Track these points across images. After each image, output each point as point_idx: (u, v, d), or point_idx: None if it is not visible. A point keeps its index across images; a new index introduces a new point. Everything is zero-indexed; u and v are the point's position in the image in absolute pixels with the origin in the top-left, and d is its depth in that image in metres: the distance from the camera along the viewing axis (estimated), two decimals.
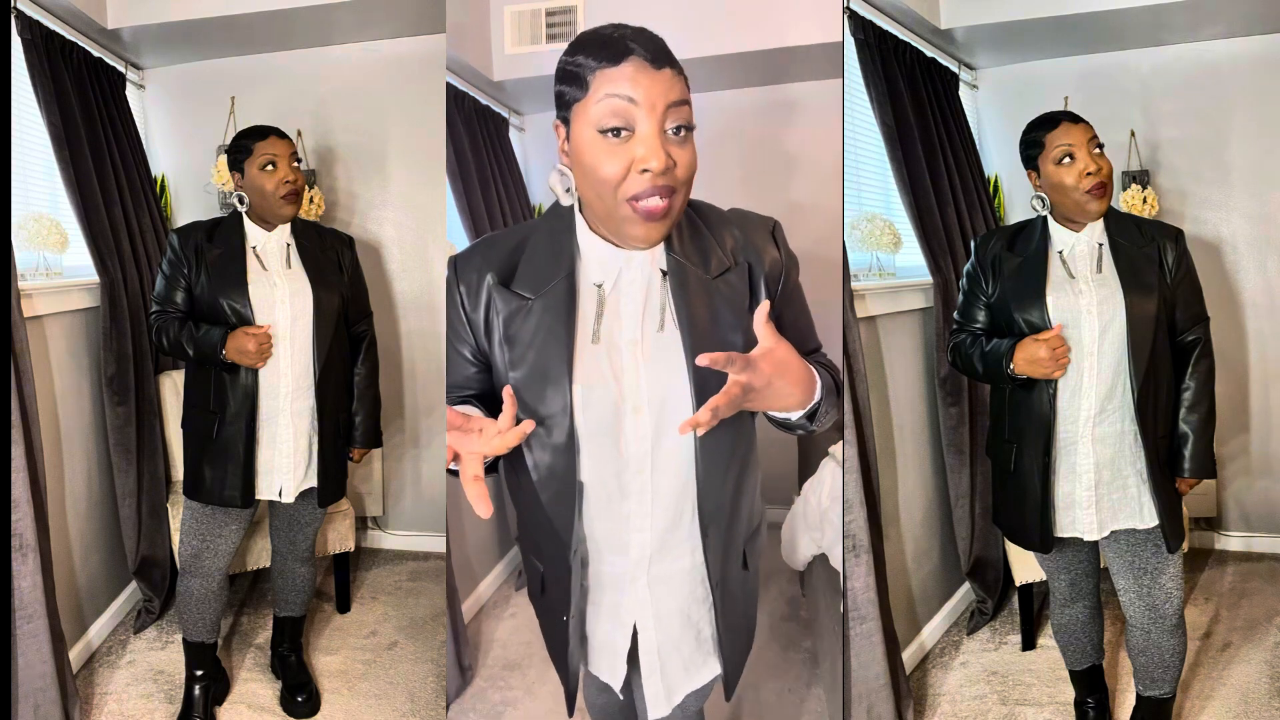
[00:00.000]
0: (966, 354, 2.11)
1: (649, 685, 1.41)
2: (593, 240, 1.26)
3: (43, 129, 2.68)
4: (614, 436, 1.25)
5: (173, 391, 2.98)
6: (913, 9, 2.87)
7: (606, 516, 1.31)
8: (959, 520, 2.91)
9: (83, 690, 2.57)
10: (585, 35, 1.20)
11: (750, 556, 1.46)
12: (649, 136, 1.14)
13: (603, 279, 1.25)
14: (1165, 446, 2.00)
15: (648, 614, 1.37)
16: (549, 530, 1.32)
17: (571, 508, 1.28)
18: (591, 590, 1.38)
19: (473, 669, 2.78)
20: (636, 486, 1.29)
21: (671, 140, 1.17)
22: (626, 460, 1.27)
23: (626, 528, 1.31)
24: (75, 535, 2.73)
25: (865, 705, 2.32)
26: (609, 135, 1.15)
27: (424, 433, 3.50)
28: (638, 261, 1.26)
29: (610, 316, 1.24)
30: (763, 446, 2.62)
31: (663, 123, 1.16)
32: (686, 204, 1.23)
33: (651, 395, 1.24)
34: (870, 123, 2.84)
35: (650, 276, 1.26)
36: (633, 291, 1.25)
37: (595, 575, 1.37)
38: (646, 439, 1.26)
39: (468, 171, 3.14)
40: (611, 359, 1.23)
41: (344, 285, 2.40)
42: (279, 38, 3.21)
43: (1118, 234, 2.01)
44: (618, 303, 1.25)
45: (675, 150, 1.17)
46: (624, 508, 1.30)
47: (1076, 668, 2.34)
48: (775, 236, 1.35)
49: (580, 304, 1.24)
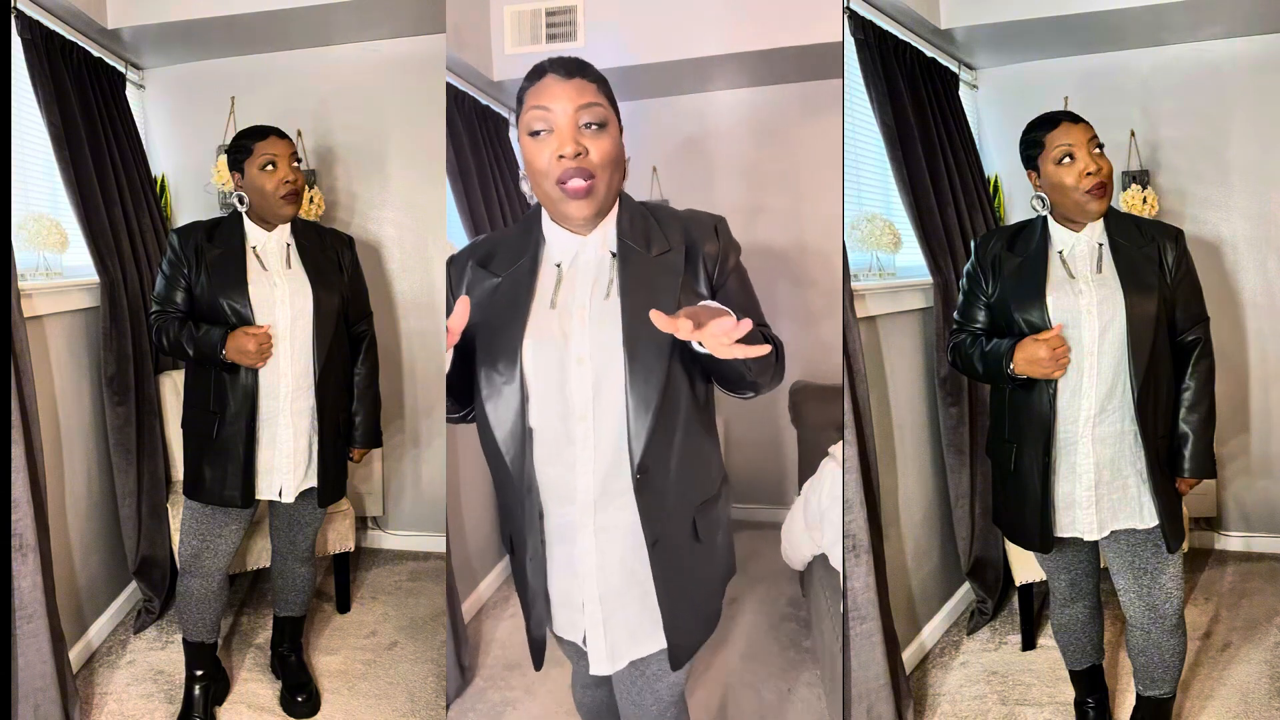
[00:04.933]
0: (966, 354, 2.11)
1: (592, 639, 1.54)
2: (555, 229, 1.53)
3: (43, 129, 2.68)
4: (560, 387, 1.47)
5: (173, 391, 2.98)
6: (913, 9, 2.87)
7: (556, 462, 1.49)
8: (959, 520, 2.91)
9: (83, 690, 2.57)
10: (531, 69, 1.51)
11: (702, 527, 1.56)
12: (562, 130, 1.42)
13: (562, 259, 1.52)
14: (1165, 446, 2.00)
15: (592, 563, 1.52)
16: (509, 481, 1.51)
17: (523, 452, 1.48)
18: (548, 544, 1.54)
19: (473, 669, 2.78)
20: (580, 433, 1.47)
21: (585, 133, 1.43)
22: (571, 408, 1.47)
23: (574, 473, 1.49)
24: (75, 535, 2.73)
25: (865, 705, 2.32)
26: (536, 136, 1.44)
27: (424, 433, 3.50)
28: (592, 244, 1.52)
29: (566, 288, 1.50)
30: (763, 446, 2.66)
31: (576, 120, 1.43)
32: (615, 186, 1.49)
33: (594, 349, 1.46)
34: (870, 123, 2.84)
35: (602, 257, 1.51)
36: (587, 268, 1.51)
37: (550, 529, 1.53)
38: (588, 388, 1.46)
39: (468, 171, 3.14)
40: (562, 322, 1.47)
41: (344, 285, 2.40)
42: (279, 38, 3.21)
43: (1118, 234, 2.01)
44: (574, 277, 1.50)
45: (589, 140, 1.43)
46: (570, 453, 1.48)
47: (1076, 668, 2.34)
48: (718, 230, 1.56)
49: (540, 279, 1.51)
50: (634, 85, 3.61)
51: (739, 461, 3.98)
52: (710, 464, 1.59)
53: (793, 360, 4.14)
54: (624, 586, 1.52)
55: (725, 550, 1.65)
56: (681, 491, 1.51)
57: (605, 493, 1.49)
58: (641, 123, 3.85)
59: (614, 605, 1.53)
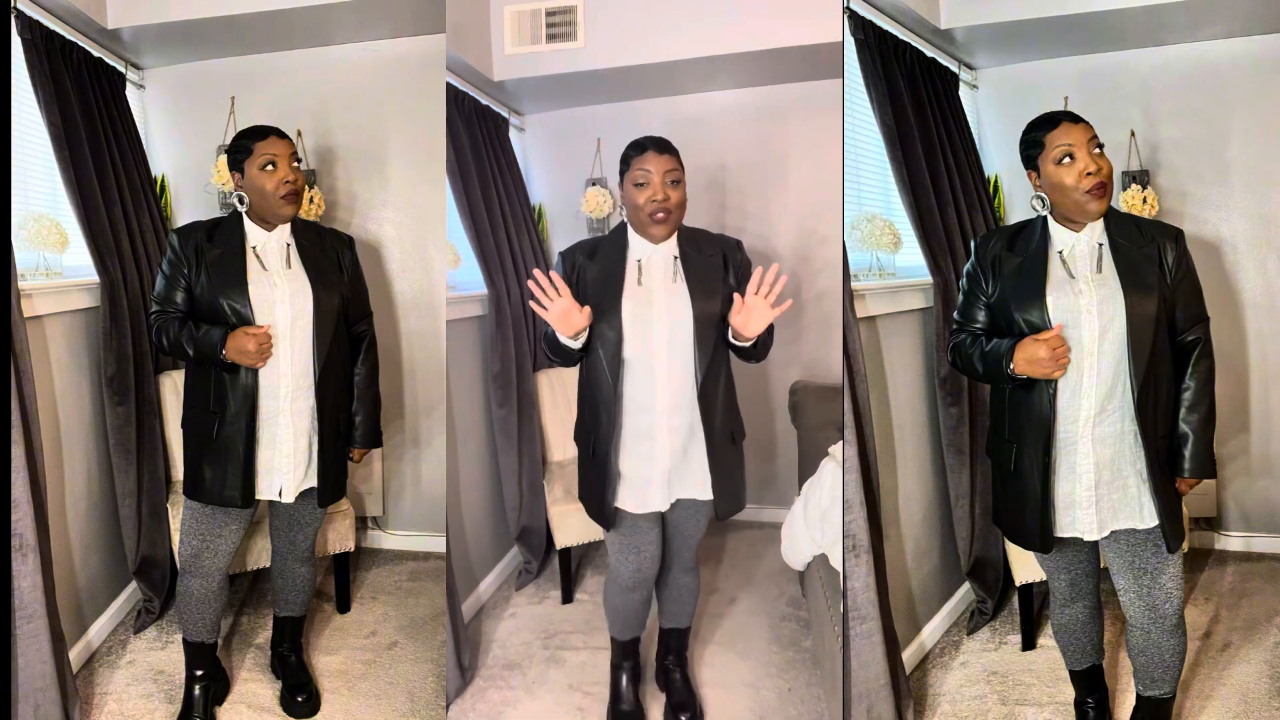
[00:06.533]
0: (966, 354, 2.11)
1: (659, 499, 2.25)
2: (636, 238, 2.26)
3: (43, 129, 2.68)
4: (646, 335, 2.17)
5: (173, 391, 2.98)
6: (913, 9, 2.87)
7: (642, 383, 2.19)
8: (959, 520, 2.91)
9: (83, 690, 2.57)
10: (635, 141, 2.22)
11: (735, 436, 2.29)
12: (656, 185, 2.17)
13: (641, 257, 2.24)
14: (1165, 446, 2.00)
15: (665, 450, 2.22)
16: (608, 397, 2.18)
17: (619, 375, 2.18)
18: (627, 440, 2.22)
19: (473, 669, 2.78)
20: (661, 364, 2.18)
21: (669, 186, 2.17)
22: (654, 348, 2.17)
23: (654, 392, 2.18)
24: (75, 535, 2.74)
25: (865, 705, 2.32)
26: (637, 186, 2.18)
27: (424, 433, 3.50)
28: (661, 250, 2.24)
29: (646, 274, 2.22)
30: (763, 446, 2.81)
31: (664, 179, 2.16)
32: (681, 217, 2.23)
33: (669, 311, 2.18)
34: (870, 123, 2.84)
35: (668, 257, 2.23)
36: (660, 263, 2.23)
37: (631, 429, 2.21)
38: (664, 336, 2.17)
39: (468, 171, 3.14)
40: (649, 294, 2.20)
41: (344, 285, 2.40)
42: (279, 38, 3.21)
43: (1118, 234, 2.01)
44: (651, 268, 2.22)
45: (670, 191, 2.17)
46: (651, 378, 2.18)
47: (1076, 668, 2.34)
48: (740, 249, 2.29)
49: (628, 268, 2.23)
50: (634, 85, 3.62)
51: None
52: (734, 402, 2.29)
53: (793, 360, 4.16)
54: (682, 460, 2.23)
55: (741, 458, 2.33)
56: (725, 409, 2.23)
57: (674, 406, 2.19)
58: (641, 123, 3.85)
59: (674, 470, 2.24)
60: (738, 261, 2.24)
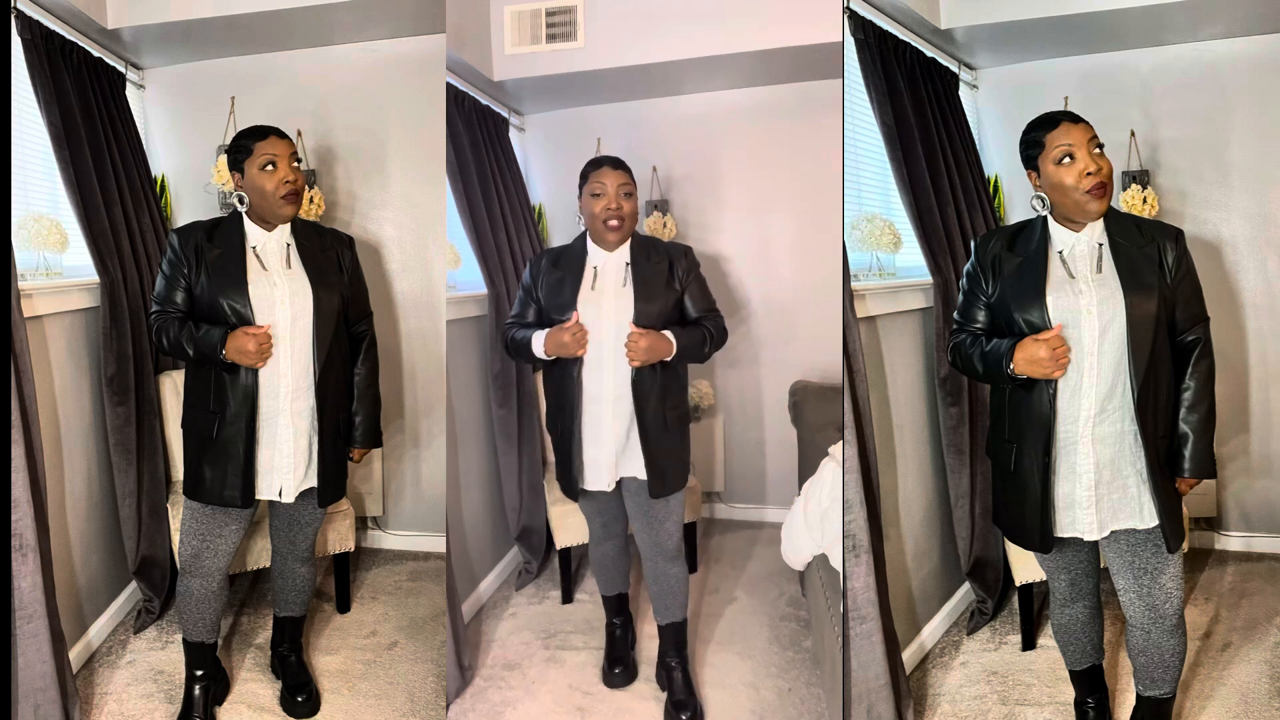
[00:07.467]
0: (966, 354, 2.11)
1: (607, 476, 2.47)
2: (594, 247, 2.49)
3: (43, 129, 2.68)
4: (598, 332, 2.40)
5: (173, 391, 2.98)
6: (913, 9, 2.87)
7: (594, 378, 2.41)
8: (959, 520, 2.91)
9: (83, 690, 2.57)
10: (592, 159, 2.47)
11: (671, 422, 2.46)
12: (611, 196, 2.41)
13: (597, 263, 2.47)
14: (1165, 446, 2.00)
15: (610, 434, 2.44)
16: (568, 389, 2.42)
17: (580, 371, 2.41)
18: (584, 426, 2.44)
19: (473, 669, 2.78)
20: (610, 361, 2.39)
21: (622, 197, 2.42)
22: (604, 345, 2.39)
23: (603, 382, 2.40)
24: (75, 535, 2.74)
25: (865, 705, 2.32)
26: (594, 197, 2.43)
27: (424, 433, 3.50)
28: (615, 257, 2.47)
29: (600, 279, 2.45)
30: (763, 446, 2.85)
31: (618, 191, 2.41)
32: (633, 226, 2.46)
33: (615, 313, 2.41)
34: (870, 123, 2.84)
35: (620, 264, 2.46)
36: (613, 269, 2.46)
37: (588, 416, 2.43)
38: (611, 335, 2.39)
39: (468, 171, 3.14)
40: (599, 296, 2.42)
41: (344, 285, 2.40)
42: (279, 38, 3.21)
43: (1118, 234, 2.01)
44: (605, 273, 2.45)
45: (623, 201, 2.42)
46: (601, 373, 2.40)
47: (1076, 668, 2.34)
48: (687, 255, 2.51)
49: (585, 273, 2.46)
50: (634, 85, 3.62)
51: (739, 461, 3.99)
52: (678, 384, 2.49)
53: (793, 360, 4.16)
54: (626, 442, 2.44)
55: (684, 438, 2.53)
56: (658, 395, 2.42)
57: (617, 397, 2.40)
58: (641, 123, 3.85)
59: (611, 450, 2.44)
60: (684, 266, 2.48)
